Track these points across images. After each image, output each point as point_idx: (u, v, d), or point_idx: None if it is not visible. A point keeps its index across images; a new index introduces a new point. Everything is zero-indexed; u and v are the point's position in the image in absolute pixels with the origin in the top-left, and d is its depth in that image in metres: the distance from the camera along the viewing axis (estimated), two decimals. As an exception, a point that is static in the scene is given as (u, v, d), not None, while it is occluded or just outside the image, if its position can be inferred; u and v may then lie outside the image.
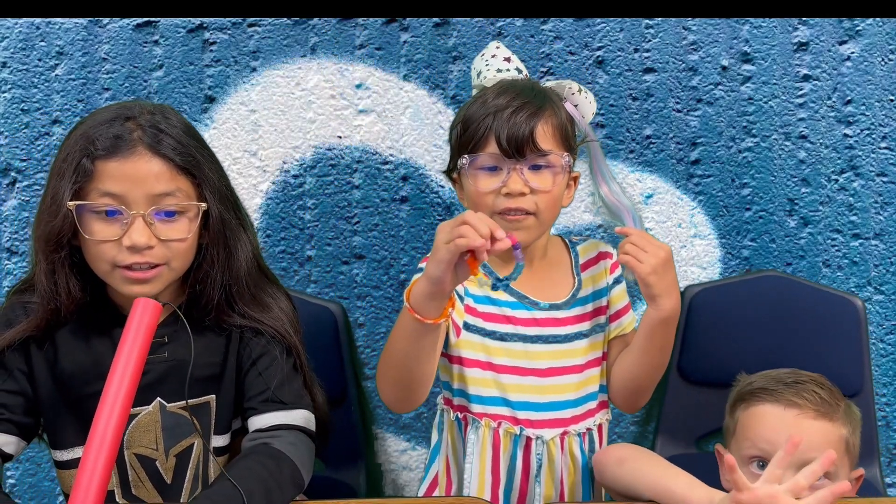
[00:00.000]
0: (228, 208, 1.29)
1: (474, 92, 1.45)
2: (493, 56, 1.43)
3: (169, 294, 1.29)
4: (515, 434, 1.39)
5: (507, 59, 1.42)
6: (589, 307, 1.44)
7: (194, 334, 1.27)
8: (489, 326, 1.39)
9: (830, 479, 1.26)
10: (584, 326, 1.44)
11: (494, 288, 1.33)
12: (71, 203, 1.19)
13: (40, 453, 1.94)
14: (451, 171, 1.41)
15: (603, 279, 1.46)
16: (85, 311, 1.27)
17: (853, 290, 1.89)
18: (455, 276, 1.15)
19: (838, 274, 1.88)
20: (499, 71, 1.40)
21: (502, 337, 1.40)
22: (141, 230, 1.19)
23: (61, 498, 1.84)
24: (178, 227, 1.23)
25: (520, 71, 1.42)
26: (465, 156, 1.34)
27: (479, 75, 1.43)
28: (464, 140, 1.35)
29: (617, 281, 1.47)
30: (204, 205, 1.24)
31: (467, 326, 1.38)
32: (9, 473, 1.93)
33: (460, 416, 1.42)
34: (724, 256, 1.89)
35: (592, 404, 1.44)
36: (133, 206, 1.19)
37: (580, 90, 1.41)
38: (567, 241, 1.50)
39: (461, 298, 1.37)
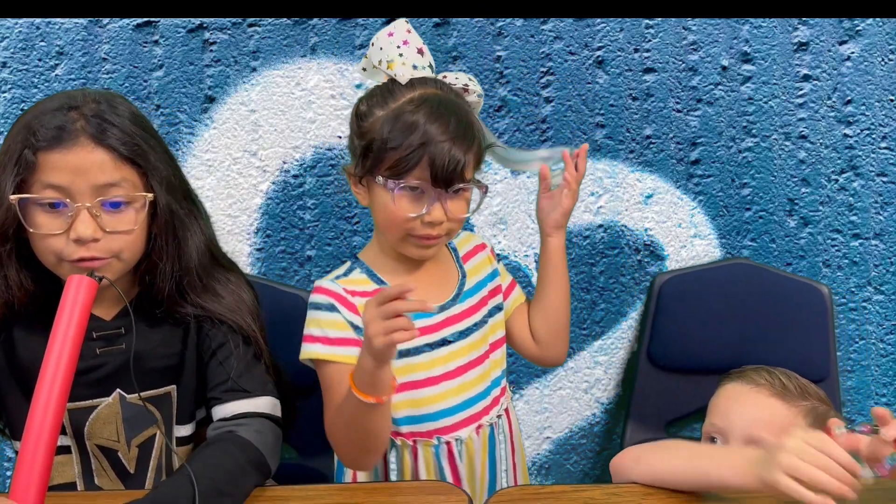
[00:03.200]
0: (177, 198, 1.25)
1: (367, 71, 1.36)
2: (405, 43, 1.33)
3: (120, 285, 1.27)
4: (434, 445, 1.37)
5: (420, 52, 1.34)
6: (477, 296, 1.44)
7: (151, 325, 1.27)
8: (401, 346, 1.34)
9: None
10: (482, 313, 1.44)
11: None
12: (13, 196, 1.16)
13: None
14: (360, 175, 1.33)
15: (486, 266, 1.48)
16: (40, 303, 1.25)
17: (853, 290, 1.89)
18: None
19: (838, 274, 1.88)
20: (414, 67, 1.32)
21: (409, 352, 1.37)
22: (87, 222, 1.16)
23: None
24: (125, 218, 1.20)
25: (432, 68, 1.35)
26: (391, 180, 1.28)
27: (386, 62, 1.32)
28: (389, 158, 1.28)
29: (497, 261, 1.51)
30: (150, 195, 1.21)
31: None
32: (9, 473, 1.93)
33: None
34: (724, 256, 1.89)
35: (497, 391, 1.45)
36: (77, 198, 1.16)
37: (473, 90, 1.37)
38: None
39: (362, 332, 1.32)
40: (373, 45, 1.34)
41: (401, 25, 1.34)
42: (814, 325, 1.78)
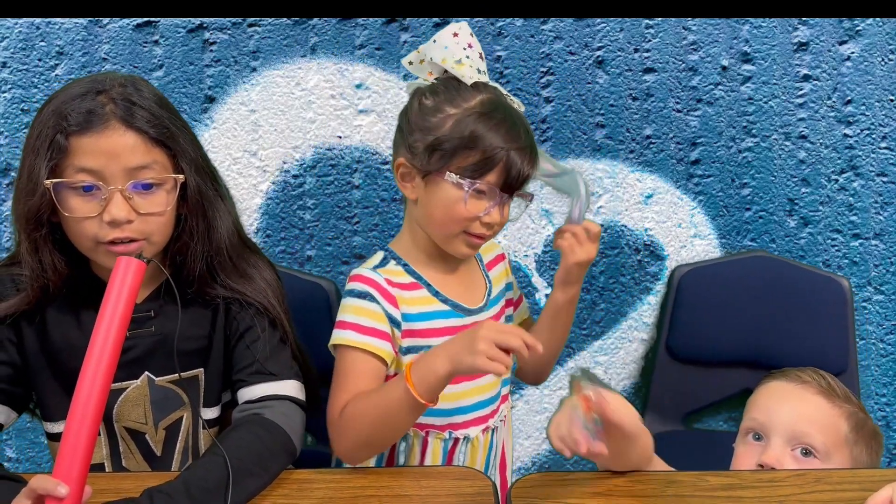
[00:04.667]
0: (205, 179, 1.28)
1: (414, 65, 1.36)
2: (469, 46, 1.35)
3: (152, 269, 1.28)
4: (445, 439, 1.40)
5: (481, 57, 1.37)
6: (500, 305, 1.47)
7: (181, 308, 1.27)
8: (427, 342, 1.37)
9: (819, 459, 1.27)
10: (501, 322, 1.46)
11: None
12: (48, 181, 1.18)
13: (40, 453, 1.94)
14: (427, 171, 1.32)
15: (504, 278, 1.50)
16: (72, 285, 1.27)
17: (853, 290, 1.88)
18: None
19: (838, 274, 1.88)
20: (478, 71, 1.34)
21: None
22: (120, 204, 1.19)
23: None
24: (156, 199, 1.22)
25: (486, 74, 1.38)
26: (466, 180, 1.29)
27: (453, 61, 1.33)
28: (466, 157, 1.29)
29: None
30: (181, 177, 1.24)
31: (407, 350, 1.36)
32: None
33: None
34: (724, 256, 1.89)
35: (504, 391, 1.47)
36: (110, 181, 1.19)
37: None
38: None
39: (398, 325, 1.34)
40: (434, 41, 1.35)
41: (465, 28, 1.36)
42: (833, 318, 1.77)
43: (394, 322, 1.33)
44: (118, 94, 1.20)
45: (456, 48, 1.34)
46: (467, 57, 1.35)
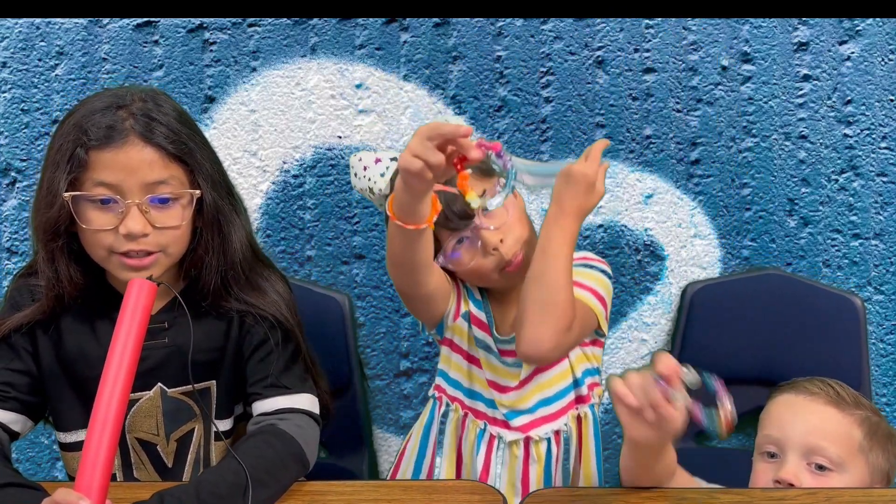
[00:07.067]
0: (222, 194, 1.29)
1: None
2: (365, 168, 1.42)
3: (167, 279, 1.30)
4: (480, 428, 1.41)
5: (377, 161, 1.42)
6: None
7: (195, 320, 1.28)
8: (479, 334, 1.43)
9: (835, 471, 1.26)
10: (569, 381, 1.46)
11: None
12: (66, 194, 1.20)
13: (40, 453, 1.94)
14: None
15: None
16: (87, 296, 1.29)
17: (853, 290, 1.88)
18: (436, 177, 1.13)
19: (838, 274, 1.88)
20: (382, 175, 1.41)
21: (487, 347, 1.42)
22: (136, 218, 1.21)
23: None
24: (173, 213, 1.24)
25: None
26: (439, 257, 1.35)
27: (368, 192, 1.42)
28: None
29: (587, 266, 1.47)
30: (197, 192, 1.25)
31: (464, 315, 1.43)
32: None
33: (437, 395, 1.46)
34: (724, 256, 1.89)
35: (563, 403, 1.45)
36: (128, 195, 1.21)
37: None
38: None
39: (469, 290, 1.42)
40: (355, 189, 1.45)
41: (356, 165, 1.43)
42: (846, 337, 1.76)
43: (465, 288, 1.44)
44: (138, 110, 1.22)
45: (360, 182, 1.43)
46: (369, 180, 1.42)
